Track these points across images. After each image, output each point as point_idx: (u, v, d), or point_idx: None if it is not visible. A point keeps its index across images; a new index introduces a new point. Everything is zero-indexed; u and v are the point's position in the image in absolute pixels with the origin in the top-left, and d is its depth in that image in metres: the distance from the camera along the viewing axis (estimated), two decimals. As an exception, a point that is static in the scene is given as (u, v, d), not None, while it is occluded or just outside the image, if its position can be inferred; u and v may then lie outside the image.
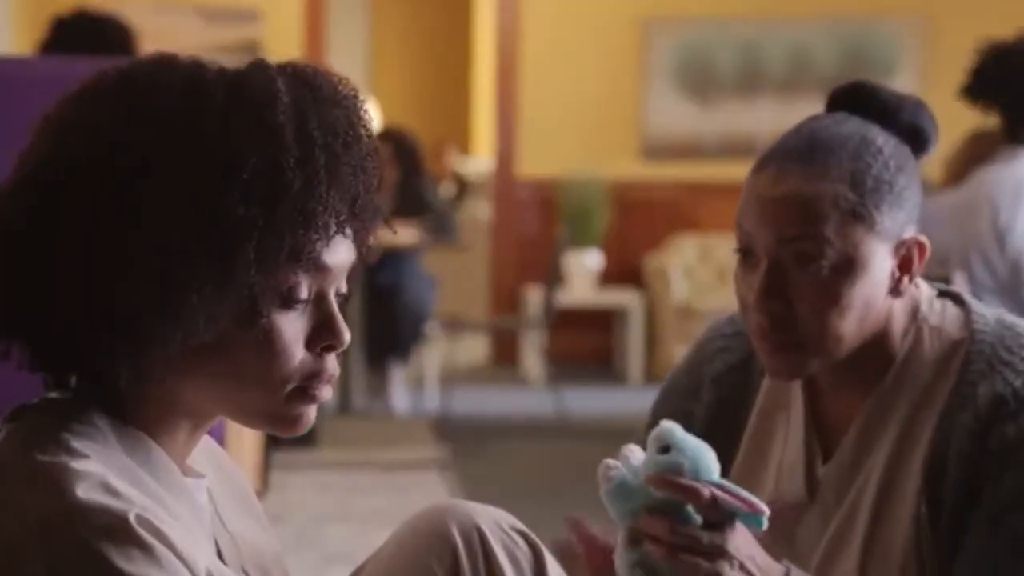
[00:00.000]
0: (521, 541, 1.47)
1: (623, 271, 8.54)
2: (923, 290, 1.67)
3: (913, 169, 1.61)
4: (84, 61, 3.08)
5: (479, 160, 12.17)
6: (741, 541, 1.45)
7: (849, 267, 1.56)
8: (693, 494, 1.41)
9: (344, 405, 7.08)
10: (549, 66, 8.55)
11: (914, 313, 1.64)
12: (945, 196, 4.35)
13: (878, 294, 1.59)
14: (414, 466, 5.86)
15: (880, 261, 1.58)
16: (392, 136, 7.59)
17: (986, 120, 4.27)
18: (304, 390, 1.27)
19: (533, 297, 8.13)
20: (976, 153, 4.53)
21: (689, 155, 8.56)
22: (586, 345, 8.50)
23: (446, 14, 13.68)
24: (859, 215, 1.55)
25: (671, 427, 1.45)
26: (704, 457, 1.44)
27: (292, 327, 1.24)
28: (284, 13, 8.48)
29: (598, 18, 8.56)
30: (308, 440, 5.96)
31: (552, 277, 7.31)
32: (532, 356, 8.18)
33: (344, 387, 7.09)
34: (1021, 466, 1.53)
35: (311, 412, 1.29)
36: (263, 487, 5.06)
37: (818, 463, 1.67)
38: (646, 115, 8.56)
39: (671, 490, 1.41)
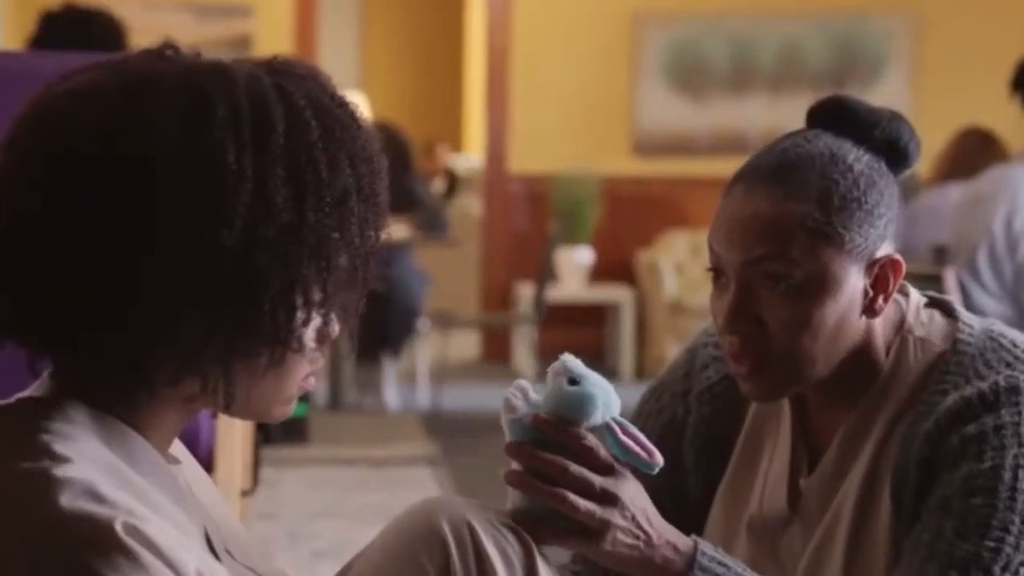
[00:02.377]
0: (512, 537, 1.46)
1: (614, 267, 8.54)
2: (911, 299, 1.65)
3: (888, 185, 1.57)
4: (74, 56, 3.07)
5: (470, 156, 12.17)
6: (635, 491, 1.47)
7: (819, 286, 1.53)
8: (577, 442, 1.44)
9: (335, 401, 7.08)
10: (540, 62, 8.55)
11: (899, 325, 1.62)
12: (953, 189, 4.31)
13: (851, 314, 1.56)
14: (405, 462, 5.86)
15: (851, 280, 1.55)
16: (382, 131, 7.60)
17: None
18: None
19: (524, 293, 8.13)
20: (963, 149, 4.51)
21: (680, 151, 8.56)
22: (577, 341, 8.49)
23: (437, 10, 13.67)
24: (827, 234, 1.52)
25: (575, 360, 1.47)
26: (611, 391, 1.47)
27: (315, 330, 1.27)
28: (275, 9, 8.47)
29: (589, 14, 8.56)
30: (299, 436, 5.96)
31: (543, 273, 7.31)
32: (523, 352, 8.18)
33: (335, 383, 7.09)
34: (976, 458, 1.52)
35: (295, 402, 1.31)
36: (254, 483, 5.05)
37: (802, 476, 1.66)
38: (637, 111, 8.56)
39: (563, 436, 1.44)
